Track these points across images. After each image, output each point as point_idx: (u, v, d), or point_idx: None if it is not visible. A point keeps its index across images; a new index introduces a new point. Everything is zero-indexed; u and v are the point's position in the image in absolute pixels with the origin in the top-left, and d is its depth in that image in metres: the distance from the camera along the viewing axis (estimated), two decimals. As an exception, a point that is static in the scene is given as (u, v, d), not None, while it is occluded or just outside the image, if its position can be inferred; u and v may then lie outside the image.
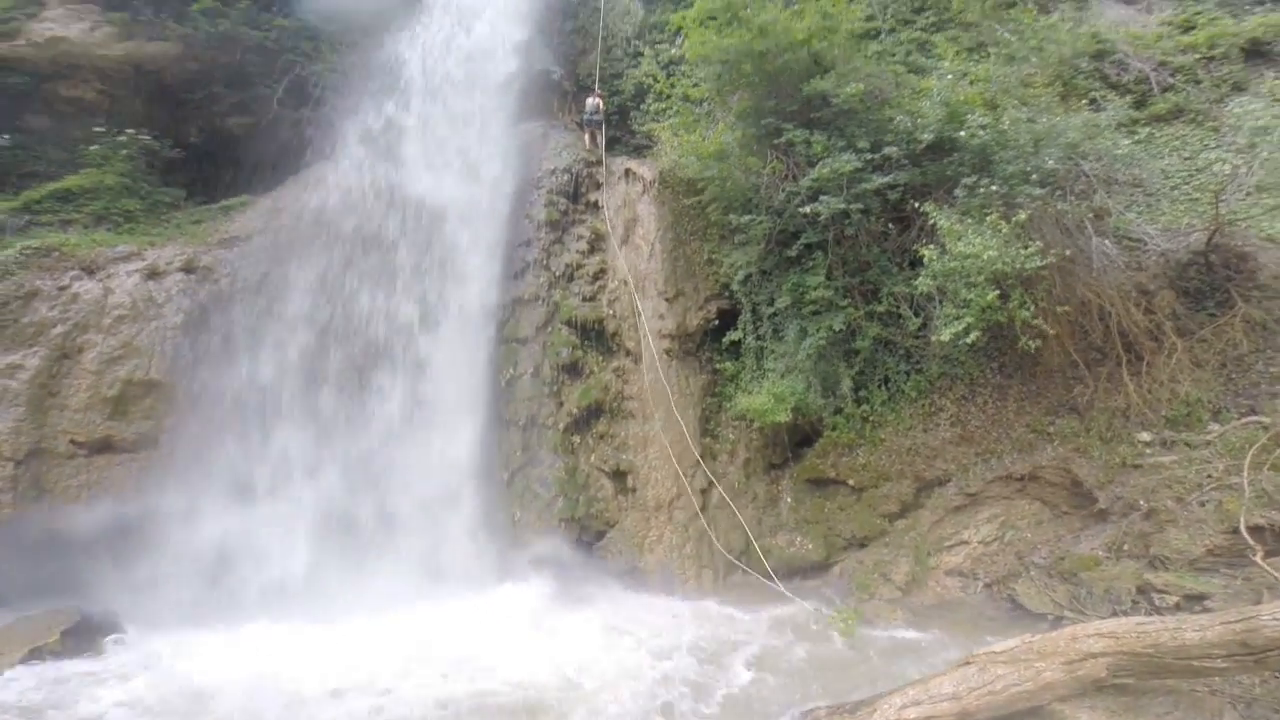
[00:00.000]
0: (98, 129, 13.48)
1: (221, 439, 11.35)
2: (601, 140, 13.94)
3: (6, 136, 13.13)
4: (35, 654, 8.09)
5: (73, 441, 10.66)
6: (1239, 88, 10.92)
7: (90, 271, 11.50)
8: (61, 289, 11.22)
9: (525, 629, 8.93)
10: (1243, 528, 7.12)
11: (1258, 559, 6.82)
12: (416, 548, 11.09)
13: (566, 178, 13.21)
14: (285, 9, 14.79)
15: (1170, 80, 11.52)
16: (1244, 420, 8.26)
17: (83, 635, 8.54)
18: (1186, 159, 10.59)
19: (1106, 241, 9.54)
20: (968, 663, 5.91)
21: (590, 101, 14.05)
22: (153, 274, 11.80)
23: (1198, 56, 11.59)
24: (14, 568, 9.59)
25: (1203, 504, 7.64)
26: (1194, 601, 6.87)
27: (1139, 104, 11.45)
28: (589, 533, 11.38)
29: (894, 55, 12.67)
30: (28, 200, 12.50)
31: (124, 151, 13.36)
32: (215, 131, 14.76)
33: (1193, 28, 12.10)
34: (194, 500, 10.85)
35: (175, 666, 7.91)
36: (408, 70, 13.75)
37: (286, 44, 14.57)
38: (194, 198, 14.13)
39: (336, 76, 14.33)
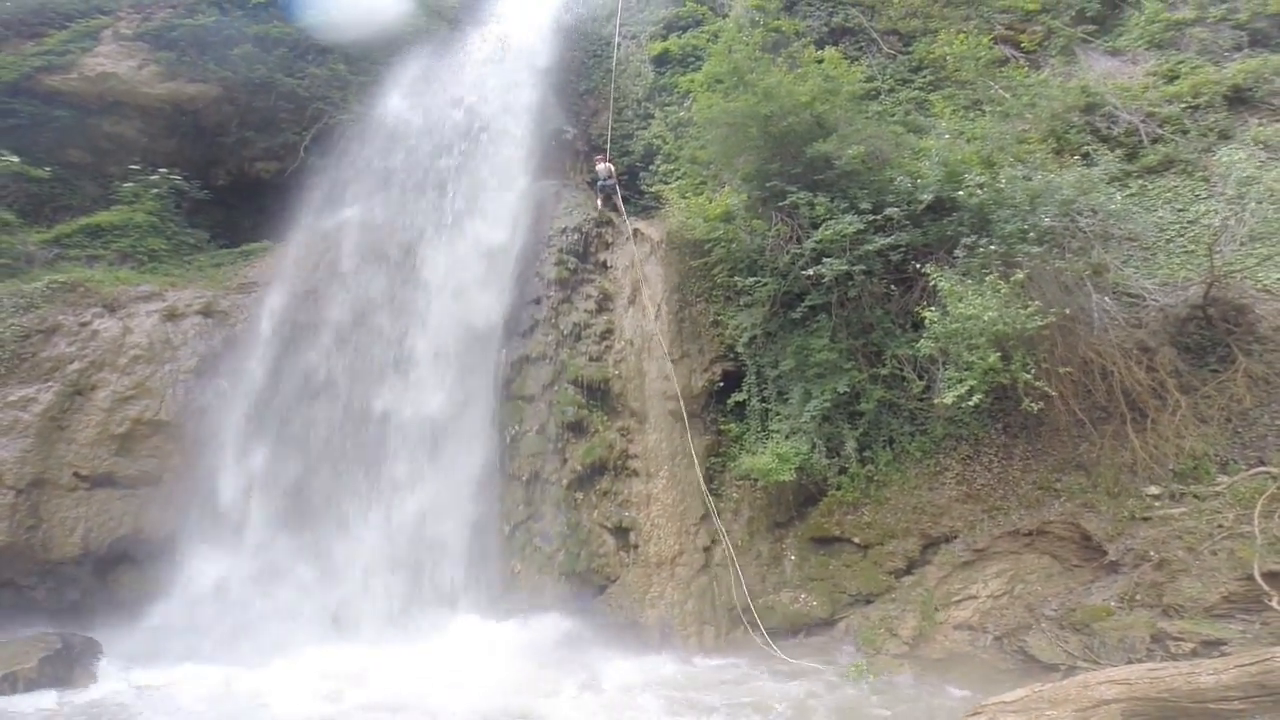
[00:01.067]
0: (133, 166, 13.97)
1: (223, 480, 11.37)
2: (618, 202, 14.11)
3: (48, 169, 13.62)
4: (8, 680, 7.91)
5: (75, 474, 10.70)
6: (1225, 135, 11.06)
7: (112, 309, 11.79)
8: (83, 325, 11.49)
9: (520, 676, 8.72)
10: (1257, 574, 6.95)
11: (1275, 603, 6.63)
12: (410, 594, 10.90)
13: (577, 237, 13.49)
14: (320, 58, 15.45)
15: (1159, 131, 11.63)
16: (1252, 471, 8.16)
17: (61, 663, 8.35)
18: (1179, 211, 10.69)
19: (1106, 298, 9.63)
20: (977, 713, 5.71)
21: (601, 167, 14.30)
22: (171, 315, 12.07)
23: (1183, 106, 11.66)
24: (0, 594, 9.48)
25: (1215, 553, 7.49)
26: (1211, 648, 6.67)
27: (1130, 156, 11.55)
28: (590, 587, 11.16)
29: (893, 115, 13.05)
30: (59, 233, 12.95)
31: (155, 190, 13.82)
32: (243, 175, 15.25)
33: (1177, 77, 12.18)
34: (188, 538, 10.79)
35: (152, 698, 7.68)
36: (425, 125, 14.36)
37: (318, 92, 15.16)
38: (216, 240, 14.54)
39: (362, 127, 14.82)
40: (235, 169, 15.37)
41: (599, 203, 14.05)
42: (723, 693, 8.40)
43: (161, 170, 14.05)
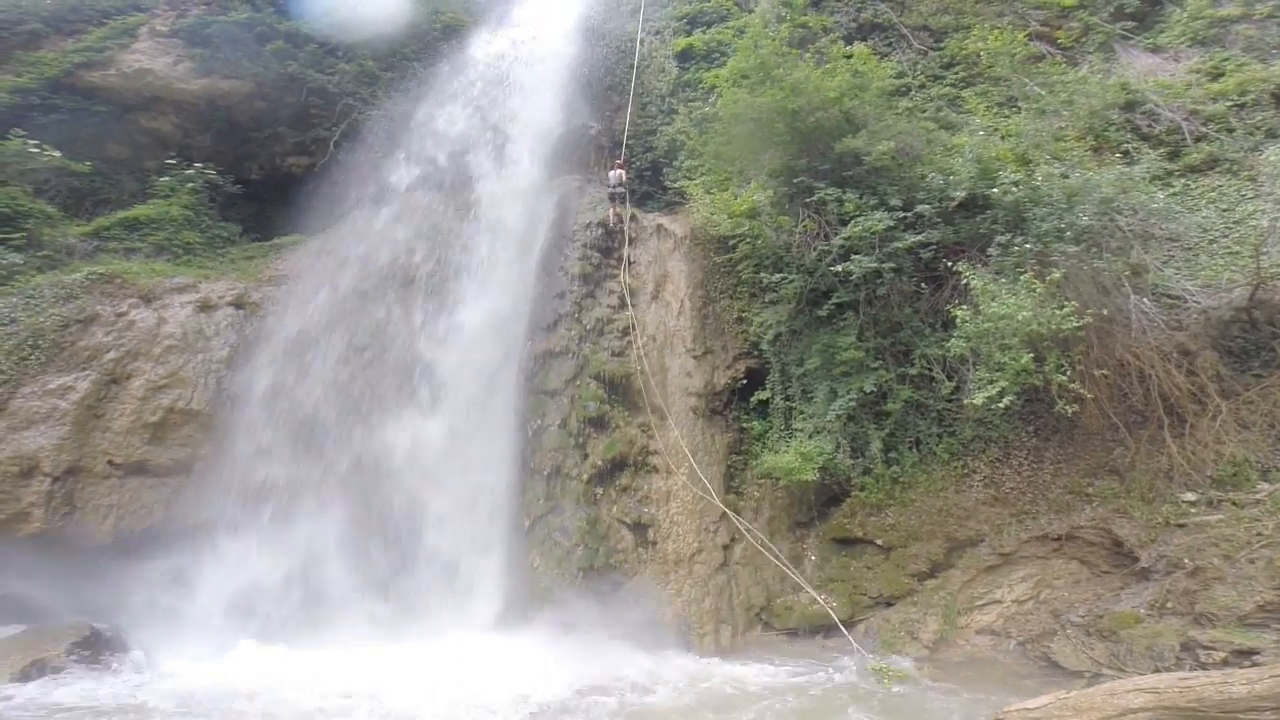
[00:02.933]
0: (169, 160, 14.34)
1: (253, 471, 11.57)
2: (625, 213, 13.71)
3: (88, 164, 14.02)
4: (37, 666, 8.10)
5: (110, 462, 10.94)
6: (1273, 135, 10.73)
7: (148, 300, 12.06)
8: (119, 315, 11.76)
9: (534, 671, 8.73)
10: (1296, 586, 6.68)
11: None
12: (430, 587, 10.99)
13: (600, 232, 13.54)
14: (349, 54, 15.72)
15: (1203, 129, 11.33)
16: (1295, 480, 7.85)
17: (90, 650, 8.55)
18: (1224, 211, 10.36)
19: (1145, 300, 9.34)
20: (998, 719, 5.55)
21: (613, 174, 13.85)
22: (205, 307, 12.33)
23: (1229, 104, 11.37)
24: (35, 581, 9.73)
25: (1252, 561, 7.22)
26: (1242, 657, 6.44)
27: (1173, 155, 11.27)
28: (607, 582, 11.11)
29: (924, 111, 12.85)
30: (98, 226, 13.31)
31: (190, 185, 14.17)
32: (275, 170, 15.57)
33: (1221, 75, 11.90)
34: (220, 526, 11.00)
35: (180, 685, 7.82)
36: (454, 121, 14.50)
37: (347, 88, 15.43)
38: (248, 234, 14.85)
39: (390, 123, 15.03)
40: (267, 164, 15.68)
41: (612, 216, 13.59)
42: (738, 693, 8.29)
43: (196, 165, 14.40)
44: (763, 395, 11.80)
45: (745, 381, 12.21)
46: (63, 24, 15.00)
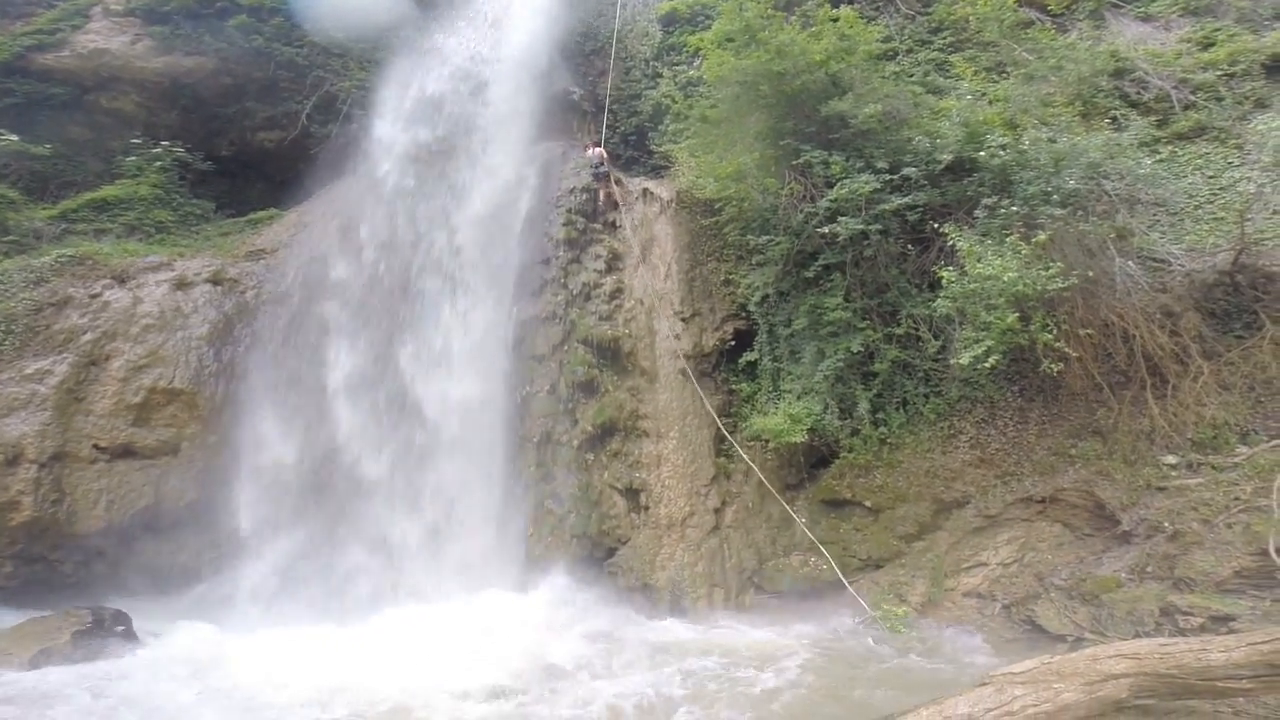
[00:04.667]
0: (134, 140, 13.97)
1: (244, 446, 11.52)
2: (613, 189, 13.23)
3: (48, 146, 13.65)
4: (44, 654, 8.14)
5: (95, 446, 10.85)
6: (1262, 104, 10.68)
7: (121, 280, 11.81)
8: (93, 297, 11.53)
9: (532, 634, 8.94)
10: (1272, 550, 6.90)
11: (1289, 581, 6.59)
12: (428, 558, 11.13)
13: (585, 197, 13.34)
14: (318, 25, 15.21)
15: (1191, 98, 11.29)
16: (1273, 443, 8.02)
17: (93, 637, 8.58)
18: (1210, 178, 10.37)
19: (1130, 262, 9.38)
20: (984, 683, 5.73)
21: (592, 153, 13.33)
22: (181, 284, 12.08)
23: (1219, 73, 11.33)
24: (29, 568, 9.71)
25: (1230, 526, 7.42)
26: (1220, 623, 6.66)
27: (1161, 122, 11.25)
28: (600, 549, 11.30)
29: (911, 76, 12.69)
30: (65, 209, 13.01)
31: (158, 163, 13.86)
32: (246, 145, 15.21)
33: (1212, 44, 11.84)
34: (214, 505, 10.99)
35: (181, 666, 7.91)
36: (431, 89, 14.06)
37: (316, 61, 15.03)
38: (223, 210, 14.56)
39: (363, 94, 14.65)
40: (238, 139, 15.35)
41: (602, 197, 13.11)
42: (731, 652, 8.51)
43: (164, 143, 14.06)
44: (751, 357, 11.85)
45: (734, 343, 12.24)
46: (9, 7, 14.55)
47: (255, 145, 15.26)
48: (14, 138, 13.17)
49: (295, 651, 8.46)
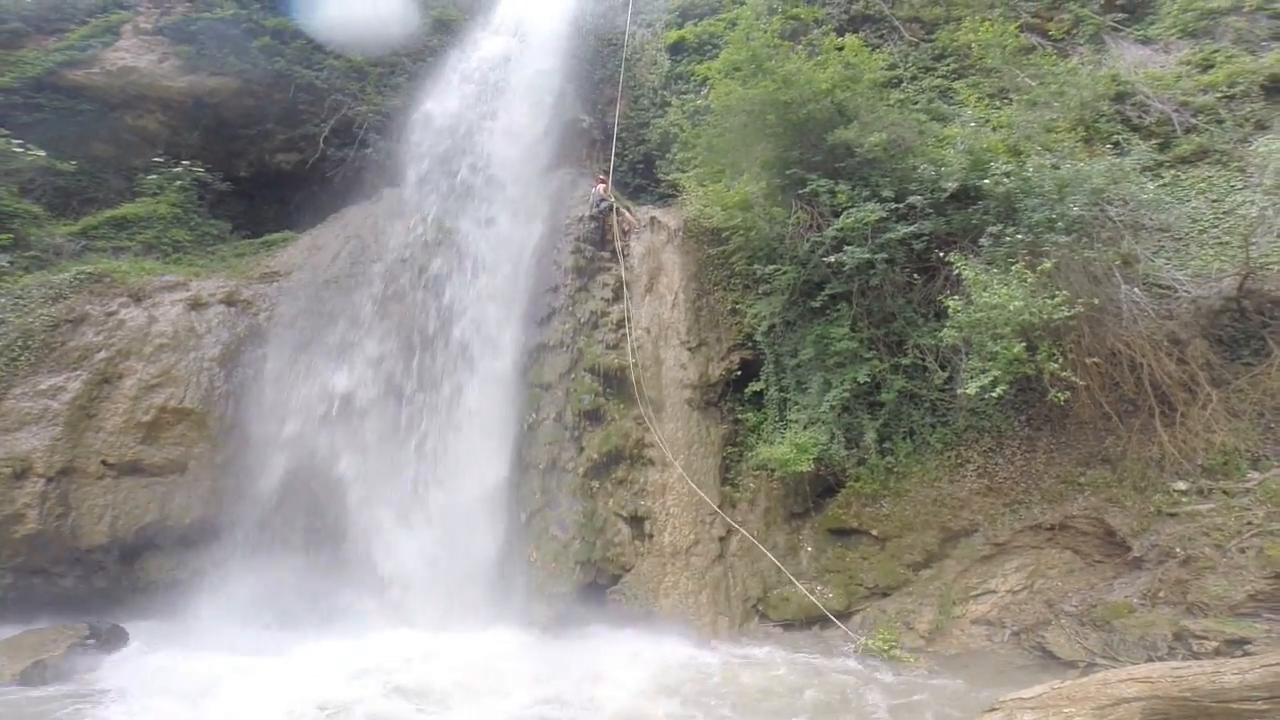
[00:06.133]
0: (156, 159, 14.22)
1: (249, 467, 11.54)
2: (615, 221, 13.13)
3: (73, 162, 13.91)
4: (38, 667, 8.11)
5: (104, 462, 10.87)
6: (1262, 126, 10.72)
7: (138, 299, 11.96)
8: (109, 315, 11.66)
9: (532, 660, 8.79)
10: (1287, 575, 6.76)
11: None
12: (430, 584, 11.01)
13: (594, 225, 13.52)
14: (338, 50, 15.61)
15: (1193, 121, 11.33)
16: (1285, 468, 7.93)
17: (89, 651, 8.55)
18: (1214, 201, 10.38)
19: (1136, 289, 9.40)
20: (994, 709, 5.63)
21: (595, 190, 13.18)
22: (195, 305, 12.22)
23: (1218, 95, 11.36)
24: (28, 581, 9.69)
25: (1243, 550, 7.30)
26: (1234, 646, 6.51)
27: (1163, 146, 11.29)
28: (604, 576, 11.18)
29: (916, 103, 12.85)
30: (86, 226, 13.21)
31: (178, 183, 14.08)
32: (264, 167, 15.45)
33: (1211, 66, 11.87)
34: (218, 524, 10.97)
35: (177, 684, 7.82)
36: (445, 115, 14.37)
37: (335, 84, 15.32)
38: (239, 231, 14.75)
39: (380, 119, 14.94)
40: (256, 160, 15.57)
41: (615, 225, 12.94)
42: (739, 685, 8.34)
43: (184, 163, 14.29)
44: (757, 386, 11.82)
45: (740, 373, 12.23)
46: (44, 23, 14.85)
47: (273, 167, 15.51)
48: (42, 153, 13.42)
49: (288, 673, 8.35)
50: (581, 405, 11.82)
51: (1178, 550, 7.82)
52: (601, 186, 13.27)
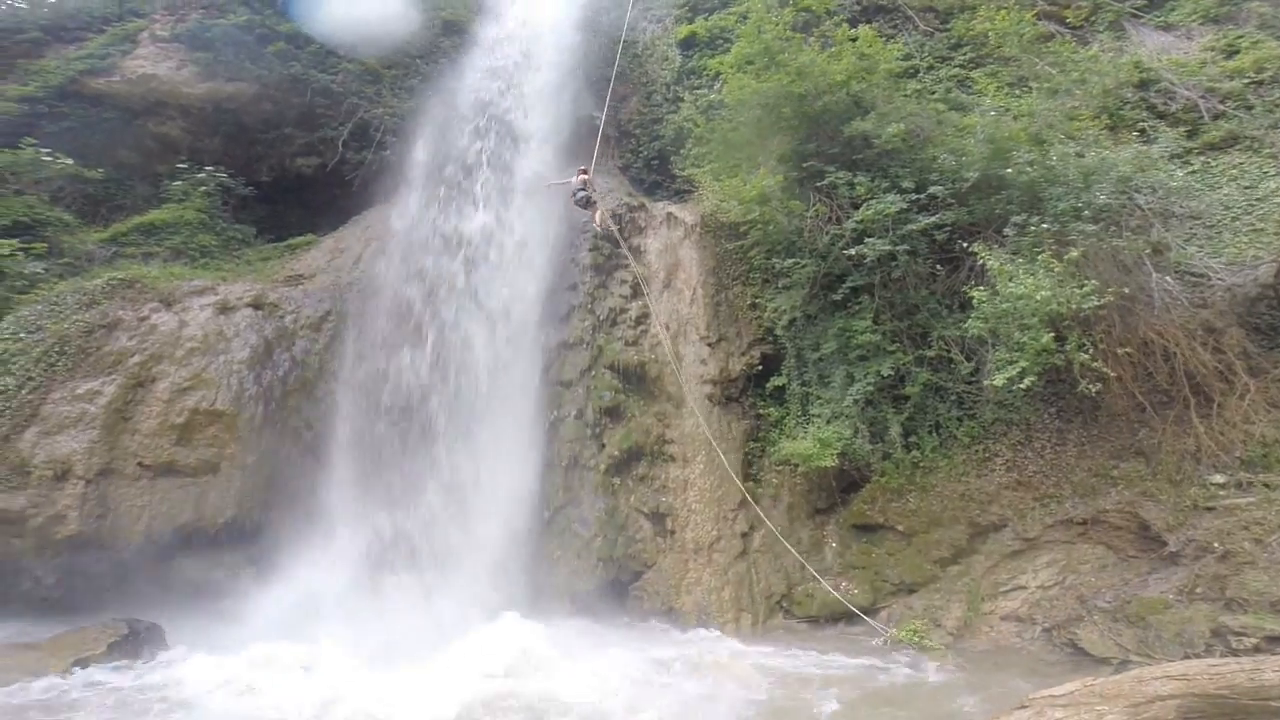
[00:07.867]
0: (180, 165, 14.43)
1: (282, 468, 11.75)
2: (594, 214, 12.52)
3: (100, 170, 14.16)
4: (81, 663, 8.32)
5: (140, 464, 11.12)
6: None
7: (168, 304, 12.20)
8: (141, 320, 11.91)
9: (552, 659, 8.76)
10: (1330, 570, 6.56)
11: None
12: (457, 583, 11.11)
13: (611, 221, 13.51)
14: (351, 53, 15.68)
15: (1221, 107, 11.07)
16: (1328, 460, 7.68)
17: (129, 649, 8.74)
18: (1246, 188, 10.07)
19: (1167, 278, 9.15)
20: (1024, 706, 5.53)
21: (574, 180, 12.47)
22: (224, 309, 12.44)
23: (1246, 81, 11.13)
24: (70, 580, 9.94)
25: (1284, 545, 7.09)
26: (1275, 643, 6.36)
27: (1191, 133, 11.03)
28: (626, 572, 11.21)
29: (933, 93, 12.66)
30: (115, 232, 13.49)
31: (202, 188, 14.28)
32: (285, 171, 15.63)
33: (1236, 52, 11.65)
34: (250, 524, 11.19)
35: (216, 682, 7.98)
36: (460, 115, 14.41)
37: (351, 88, 15.42)
38: (263, 235, 14.94)
39: (396, 121, 15.01)
40: (277, 165, 15.75)
41: (596, 220, 12.49)
42: (764, 682, 8.28)
43: (207, 168, 14.49)
44: (779, 381, 11.74)
45: (760, 368, 12.15)
46: (62, 31, 15.17)
47: (294, 171, 15.65)
48: (69, 161, 13.64)
49: (318, 671, 8.47)
50: (602, 402, 11.86)
51: (1215, 545, 7.63)
52: (582, 177, 13.29)
